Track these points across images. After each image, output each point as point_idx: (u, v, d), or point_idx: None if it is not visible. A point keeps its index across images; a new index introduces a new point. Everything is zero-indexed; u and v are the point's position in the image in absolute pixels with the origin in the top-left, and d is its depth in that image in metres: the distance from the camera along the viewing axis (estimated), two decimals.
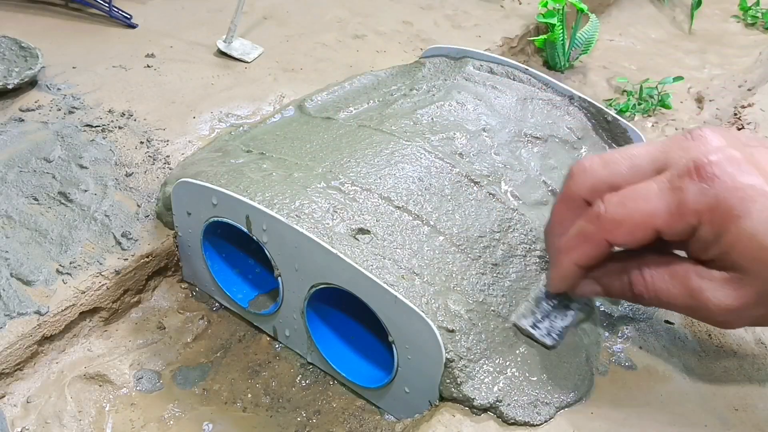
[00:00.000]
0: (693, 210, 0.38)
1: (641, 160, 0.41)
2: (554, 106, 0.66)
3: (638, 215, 0.40)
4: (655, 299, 0.42)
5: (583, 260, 0.43)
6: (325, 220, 0.50)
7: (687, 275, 0.40)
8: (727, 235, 0.38)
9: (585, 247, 0.43)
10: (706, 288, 0.40)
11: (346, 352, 0.53)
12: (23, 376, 0.51)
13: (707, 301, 0.40)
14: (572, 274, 0.45)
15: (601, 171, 0.42)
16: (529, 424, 0.45)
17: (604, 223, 0.41)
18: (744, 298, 0.39)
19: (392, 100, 0.66)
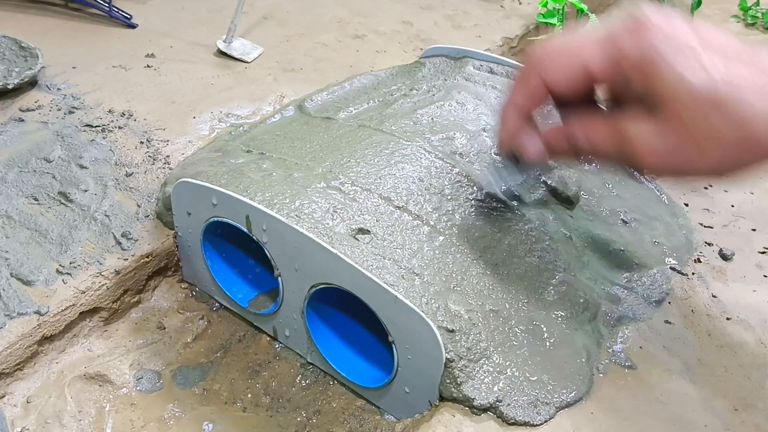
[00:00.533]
0: (626, 54, 0.40)
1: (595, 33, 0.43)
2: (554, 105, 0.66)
3: (571, 51, 0.42)
4: (590, 147, 0.44)
5: (520, 100, 0.45)
6: (325, 220, 0.50)
7: (619, 123, 0.42)
8: (656, 80, 0.40)
9: (521, 87, 0.45)
10: (635, 134, 0.41)
11: (346, 352, 0.53)
12: (23, 376, 0.51)
13: (636, 146, 0.41)
14: (510, 120, 0.46)
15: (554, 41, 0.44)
16: (529, 424, 0.45)
17: (539, 60, 0.43)
18: (669, 143, 0.41)
19: (392, 100, 0.66)
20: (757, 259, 0.60)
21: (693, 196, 0.67)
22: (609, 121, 0.43)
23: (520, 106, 0.46)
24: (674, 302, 0.55)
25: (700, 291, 0.56)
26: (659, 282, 0.56)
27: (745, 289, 0.57)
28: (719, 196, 0.67)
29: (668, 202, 0.65)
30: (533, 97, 0.45)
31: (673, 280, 0.57)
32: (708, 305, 0.55)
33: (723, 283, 0.57)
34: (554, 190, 0.59)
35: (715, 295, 0.56)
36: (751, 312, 0.55)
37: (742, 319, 0.54)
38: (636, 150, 0.42)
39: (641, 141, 0.41)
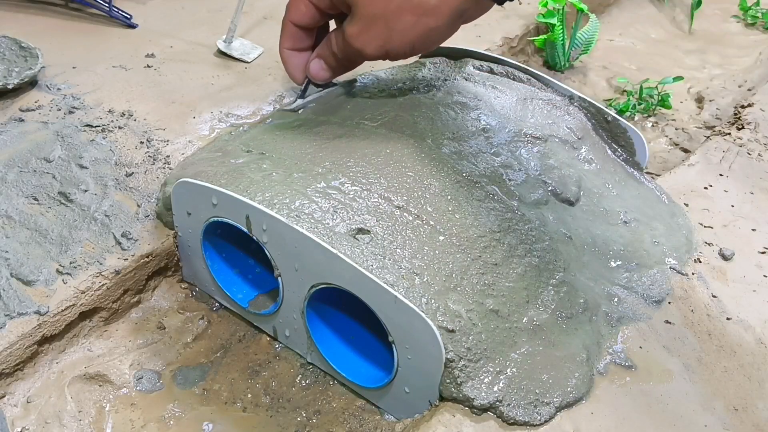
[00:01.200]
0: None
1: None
2: (554, 106, 0.66)
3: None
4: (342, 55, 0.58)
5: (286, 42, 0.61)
6: (325, 220, 0.50)
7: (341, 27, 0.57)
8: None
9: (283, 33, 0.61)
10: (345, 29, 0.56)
11: (346, 352, 0.53)
12: (23, 376, 0.51)
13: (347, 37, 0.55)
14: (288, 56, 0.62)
15: None
16: (529, 424, 0.45)
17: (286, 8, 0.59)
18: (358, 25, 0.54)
19: (392, 101, 0.66)
20: (757, 259, 0.60)
21: (693, 196, 0.67)
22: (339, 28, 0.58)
23: (291, 46, 0.61)
24: (674, 302, 0.55)
25: (700, 291, 0.56)
26: (659, 282, 0.56)
27: (745, 289, 0.57)
28: (719, 196, 0.67)
29: (668, 202, 0.65)
30: (295, 38, 0.61)
31: (673, 280, 0.57)
32: (708, 305, 0.55)
33: (723, 283, 0.57)
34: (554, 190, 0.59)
35: (715, 295, 0.56)
36: (751, 312, 0.55)
37: (742, 319, 0.54)
38: (350, 42, 0.55)
39: (348, 33, 0.55)
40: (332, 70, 0.61)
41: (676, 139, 0.85)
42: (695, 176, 0.70)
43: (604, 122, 0.67)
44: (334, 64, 0.60)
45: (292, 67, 0.63)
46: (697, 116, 0.89)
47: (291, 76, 0.64)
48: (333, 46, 0.58)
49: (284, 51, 0.62)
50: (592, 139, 0.66)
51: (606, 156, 0.66)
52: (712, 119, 0.88)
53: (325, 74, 0.62)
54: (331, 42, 0.59)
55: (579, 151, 0.64)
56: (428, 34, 0.53)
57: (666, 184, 0.67)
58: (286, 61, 0.63)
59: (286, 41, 0.61)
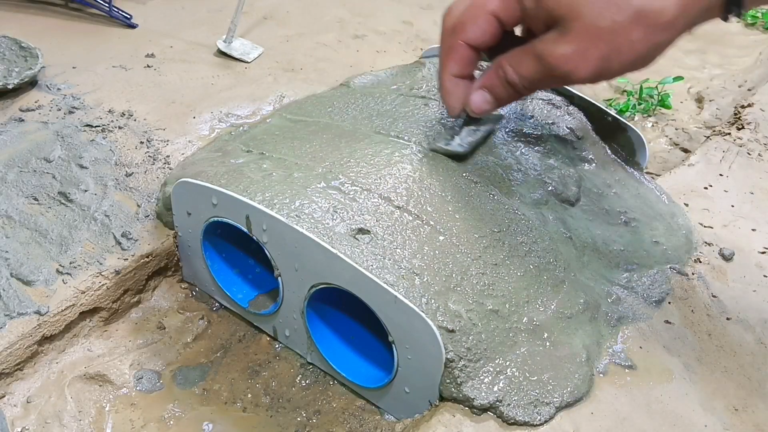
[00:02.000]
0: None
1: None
2: (554, 106, 0.66)
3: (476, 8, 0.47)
4: (525, 82, 0.48)
5: (454, 68, 0.50)
6: (325, 220, 0.50)
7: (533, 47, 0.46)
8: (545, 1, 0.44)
9: (450, 56, 0.49)
10: (545, 48, 0.45)
11: (346, 352, 0.53)
12: (23, 376, 0.51)
13: (551, 59, 0.45)
14: (451, 86, 0.51)
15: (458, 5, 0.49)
16: (529, 424, 0.45)
17: (453, 28, 0.48)
18: (573, 42, 0.44)
19: (392, 100, 0.66)
20: (757, 259, 0.60)
21: (693, 196, 0.67)
22: (526, 49, 0.47)
23: (458, 72, 0.50)
24: (674, 302, 0.55)
25: (700, 291, 0.56)
26: (659, 282, 0.56)
27: (745, 289, 0.57)
28: (719, 196, 0.67)
29: (668, 202, 0.65)
30: (466, 61, 0.49)
31: (673, 280, 0.57)
32: (708, 305, 0.55)
33: (723, 283, 0.57)
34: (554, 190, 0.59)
35: (715, 295, 0.56)
36: (751, 312, 0.55)
37: (742, 319, 0.54)
38: (556, 64, 0.45)
39: (556, 54, 0.45)
40: (498, 102, 0.51)
41: (676, 139, 0.85)
42: (695, 176, 0.70)
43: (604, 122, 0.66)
44: (505, 95, 0.50)
45: (454, 98, 0.51)
46: (697, 116, 0.89)
47: (450, 108, 0.52)
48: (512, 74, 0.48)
49: (450, 79, 0.50)
50: (592, 139, 0.66)
51: (606, 156, 0.66)
52: (712, 119, 0.88)
53: (489, 107, 0.51)
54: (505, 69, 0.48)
55: (579, 151, 0.64)
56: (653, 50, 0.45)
57: (666, 184, 0.67)
58: (449, 91, 0.51)
59: (453, 66, 0.49)
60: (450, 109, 0.52)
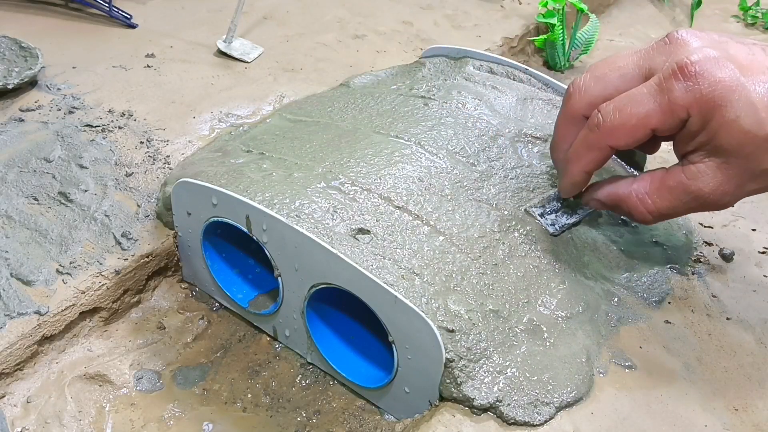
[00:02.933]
0: (681, 105, 0.43)
1: (628, 69, 0.47)
2: (554, 106, 0.66)
3: (635, 119, 0.45)
4: (659, 216, 0.48)
5: (590, 166, 0.49)
6: (325, 220, 0.50)
7: (681, 182, 0.46)
8: (712, 122, 0.43)
9: (590, 155, 0.48)
10: (702, 185, 0.45)
11: (346, 352, 0.53)
12: (23, 376, 0.51)
13: (707, 195, 0.45)
14: (581, 179, 0.50)
15: (594, 86, 0.47)
16: (529, 424, 0.45)
17: (605, 131, 0.46)
18: (733, 178, 0.44)
19: (392, 100, 0.66)
20: (757, 259, 0.60)
21: None
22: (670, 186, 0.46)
23: (590, 170, 0.50)
24: (674, 302, 0.55)
25: (700, 291, 0.56)
26: (659, 282, 0.56)
27: (745, 289, 0.57)
28: None
29: None
30: (602, 162, 0.49)
31: (673, 280, 0.57)
32: (708, 305, 0.55)
33: (723, 283, 0.57)
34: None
35: (715, 295, 0.56)
36: (751, 312, 0.55)
37: (742, 319, 0.54)
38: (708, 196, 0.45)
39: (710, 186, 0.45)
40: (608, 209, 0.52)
41: None
42: None
43: None
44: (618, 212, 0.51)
45: (574, 188, 0.51)
46: None
47: (565, 192, 0.53)
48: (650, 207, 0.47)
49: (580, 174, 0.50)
50: None
51: None
52: None
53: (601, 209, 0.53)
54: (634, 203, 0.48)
55: None
56: None
57: None
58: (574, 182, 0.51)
59: (591, 165, 0.49)
60: (564, 193, 0.53)
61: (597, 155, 0.48)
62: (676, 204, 0.46)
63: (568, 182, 0.51)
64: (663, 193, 0.47)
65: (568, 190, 0.52)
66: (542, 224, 0.55)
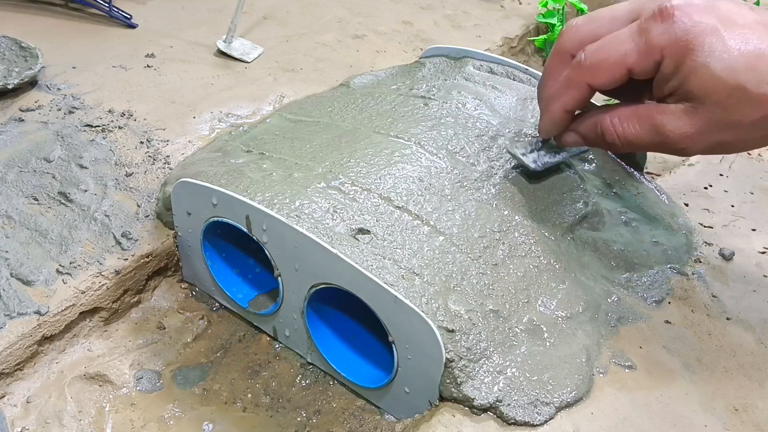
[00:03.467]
0: (656, 46, 0.44)
1: (620, 12, 0.47)
2: None
3: (612, 57, 0.45)
4: (626, 144, 0.48)
5: (570, 104, 0.49)
6: (325, 220, 0.50)
7: (650, 114, 0.46)
8: (683, 67, 0.43)
9: (571, 92, 0.48)
10: (666, 121, 0.45)
11: (346, 352, 0.53)
12: (23, 376, 0.51)
13: (668, 132, 0.45)
14: (560, 118, 0.51)
15: (586, 27, 0.48)
16: (529, 424, 0.45)
17: (585, 69, 0.47)
18: (698, 124, 0.44)
19: (392, 100, 0.66)
20: (757, 259, 0.60)
21: (693, 196, 0.67)
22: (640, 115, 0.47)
23: (571, 109, 0.50)
24: (674, 302, 0.55)
25: (700, 291, 0.56)
26: (659, 282, 0.56)
27: (745, 289, 0.57)
28: (719, 196, 0.67)
29: (668, 202, 0.65)
30: (582, 101, 0.49)
31: (673, 280, 0.57)
32: (708, 305, 0.55)
33: (723, 283, 0.57)
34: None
35: (715, 295, 0.56)
36: (751, 312, 0.55)
37: (742, 319, 0.54)
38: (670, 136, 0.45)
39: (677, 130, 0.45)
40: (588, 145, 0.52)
41: None
42: (695, 176, 0.70)
43: None
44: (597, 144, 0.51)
45: (554, 127, 0.52)
46: None
47: (544, 132, 0.53)
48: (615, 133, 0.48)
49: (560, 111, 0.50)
50: None
51: (606, 156, 0.66)
52: None
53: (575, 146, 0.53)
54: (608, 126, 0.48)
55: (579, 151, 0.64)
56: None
57: (666, 184, 0.67)
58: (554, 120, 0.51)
59: (570, 102, 0.49)
60: (543, 132, 0.53)
61: (576, 93, 0.48)
62: (641, 135, 0.47)
63: (548, 120, 0.51)
64: (632, 121, 0.47)
65: (549, 129, 0.52)
66: (524, 162, 0.55)
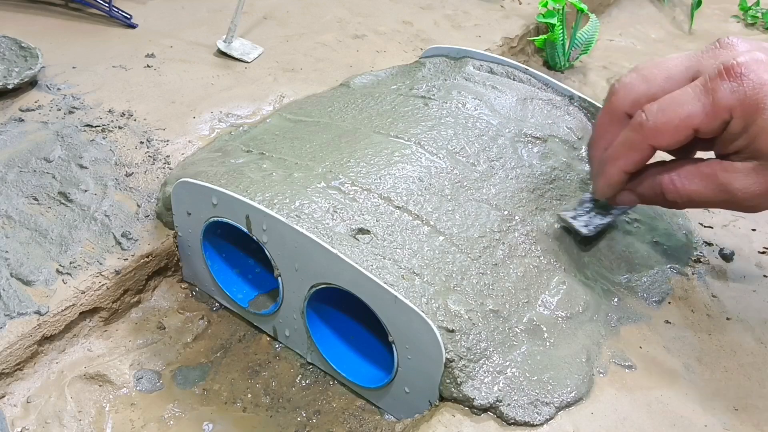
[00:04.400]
0: (725, 107, 0.43)
1: (676, 70, 0.46)
2: (554, 106, 0.66)
3: (677, 119, 0.44)
4: (688, 202, 0.47)
5: (630, 166, 0.48)
6: (325, 220, 0.50)
7: (714, 173, 0.45)
8: (753, 126, 0.42)
9: (631, 155, 0.47)
10: (733, 180, 0.44)
11: (346, 352, 0.53)
12: (23, 376, 0.51)
13: (736, 191, 0.44)
14: (619, 180, 0.49)
15: (641, 85, 0.47)
16: (529, 424, 0.45)
17: (648, 131, 0.45)
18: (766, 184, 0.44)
19: (392, 101, 0.66)
20: (757, 259, 0.60)
21: None
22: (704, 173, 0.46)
23: (630, 170, 0.48)
24: (674, 302, 0.55)
25: (700, 291, 0.56)
26: (659, 282, 0.56)
27: (745, 289, 0.57)
28: None
29: None
30: (642, 163, 0.48)
31: (673, 280, 0.57)
32: (708, 305, 0.55)
33: (723, 283, 0.57)
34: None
35: (715, 295, 0.56)
36: (751, 312, 0.55)
37: (742, 319, 0.54)
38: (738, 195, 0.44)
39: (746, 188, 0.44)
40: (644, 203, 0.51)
41: None
42: None
43: None
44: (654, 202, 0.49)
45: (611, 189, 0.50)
46: None
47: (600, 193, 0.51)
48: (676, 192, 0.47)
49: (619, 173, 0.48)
50: None
51: None
52: None
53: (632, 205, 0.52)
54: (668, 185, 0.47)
55: (579, 151, 0.64)
56: None
57: None
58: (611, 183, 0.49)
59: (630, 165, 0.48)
60: (600, 194, 0.51)
61: (638, 156, 0.47)
62: (705, 192, 0.46)
63: (605, 183, 0.50)
64: (695, 180, 0.46)
65: (605, 192, 0.51)
66: (574, 227, 0.54)
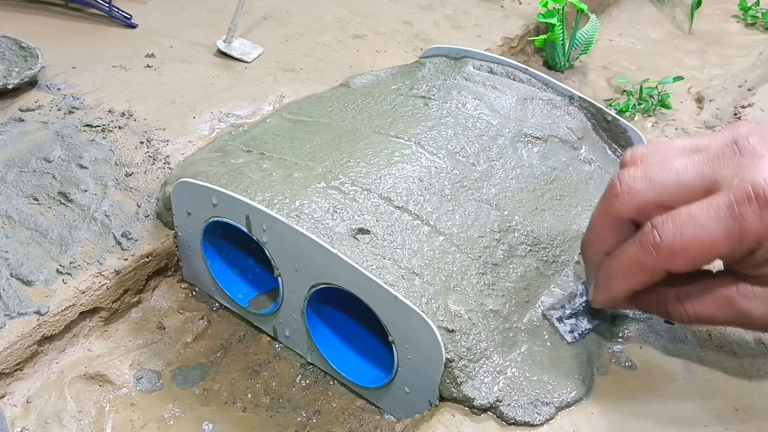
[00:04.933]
0: (755, 236, 0.38)
1: (687, 175, 0.40)
2: (554, 106, 0.66)
3: (699, 245, 0.39)
4: (697, 322, 0.43)
5: (638, 287, 0.43)
6: (325, 220, 0.50)
7: (731, 298, 0.41)
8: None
9: (641, 277, 0.42)
10: (753, 307, 0.41)
11: (346, 352, 0.53)
12: (23, 376, 0.51)
13: (755, 318, 0.41)
14: (624, 298, 0.44)
15: (647, 191, 0.41)
16: (529, 424, 0.45)
17: (662, 254, 0.40)
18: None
19: (392, 101, 0.66)
20: None
21: None
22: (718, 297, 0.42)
23: (637, 290, 0.43)
24: None
25: None
26: None
27: None
28: None
29: None
30: (651, 283, 0.43)
31: None
32: None
33: None
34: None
35: None
36: None
37: None
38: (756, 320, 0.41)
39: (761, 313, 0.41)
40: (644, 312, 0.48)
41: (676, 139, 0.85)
42: None
43: (604, 122, 0.66)
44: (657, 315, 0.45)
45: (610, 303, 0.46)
46: (697, 116, 0.89)
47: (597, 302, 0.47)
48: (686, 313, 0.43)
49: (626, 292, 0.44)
50: (592, 139, 0.66)
51: (606, 156, 0.66)
52: (712, 119, 0.88)
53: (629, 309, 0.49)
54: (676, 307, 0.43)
55: (579, 151, 0.64)
56: None
57: None
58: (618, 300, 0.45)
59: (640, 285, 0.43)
60: (597, 304, 0.47)
61: (648, 277, 0.42)
62: (719, 316, 0.42)
63: (607, 297, 0.45)
64: (707, 303, 0.42)
65: (605, 305, 0.47)
66: (559, 331, 0.49)
